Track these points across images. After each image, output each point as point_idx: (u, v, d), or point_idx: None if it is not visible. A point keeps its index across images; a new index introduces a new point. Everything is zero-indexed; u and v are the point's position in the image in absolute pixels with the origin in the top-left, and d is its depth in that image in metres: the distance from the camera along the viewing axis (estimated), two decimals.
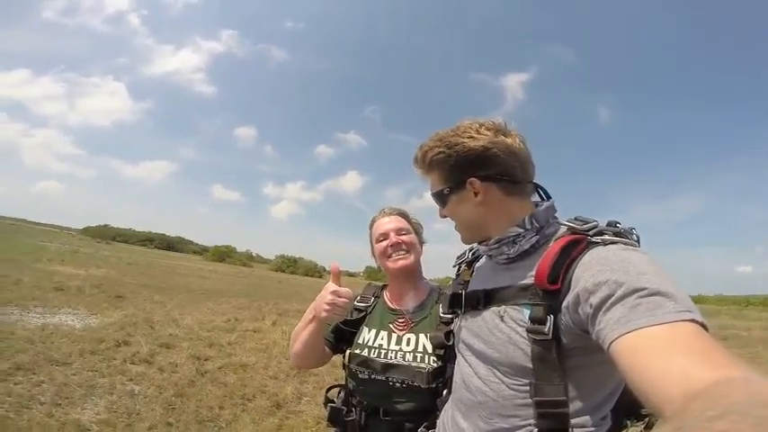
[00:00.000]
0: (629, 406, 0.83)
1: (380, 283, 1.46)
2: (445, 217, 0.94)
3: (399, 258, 1.28)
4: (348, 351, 1.26)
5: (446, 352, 1.09)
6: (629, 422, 1.03)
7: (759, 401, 0.32)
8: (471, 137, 0.83)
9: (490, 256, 0.91)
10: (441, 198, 0.91)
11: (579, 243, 0.71)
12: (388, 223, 1.34)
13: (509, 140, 0.84)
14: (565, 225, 0.80)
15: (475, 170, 0.83)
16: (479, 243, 0.92)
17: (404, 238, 1.31)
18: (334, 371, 3.63)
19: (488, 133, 0.83)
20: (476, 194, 0.84)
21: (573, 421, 0.70)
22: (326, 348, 1.38)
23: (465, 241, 0.97)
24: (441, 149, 0.85)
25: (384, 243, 1.31)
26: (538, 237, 0.81)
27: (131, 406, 3.20)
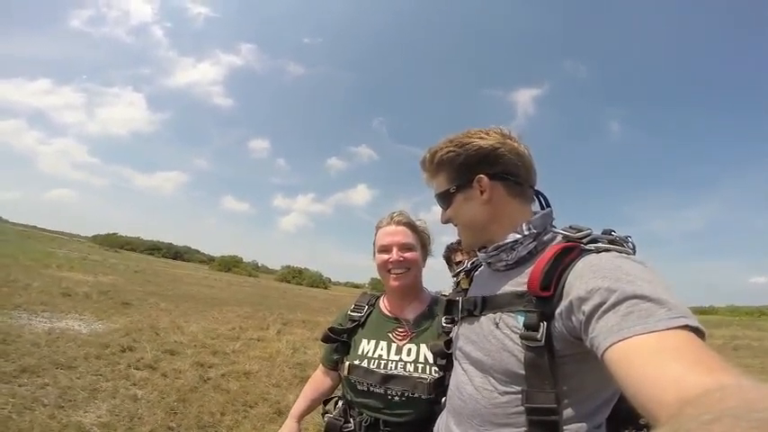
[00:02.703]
0: (626, 415, 0.81)
1: (377, 293, 1.43)
2: (447, 222, 0.94)
3: (399, 276, 1.24)
4: (347, 363, 1.24)
5: (448, 361, 1.06)
6: None
7: (754, 406, 0.32)
8: (481, 137, 0.86)
9: (489, 264, 0.91)
10: (446, 198, 0.90)
11: (572, 250, 0.72)
12: (393, 235, 1.27)
13: (515, 144, 0.87)
14: (560, 233, 0.80)
15: (483, 168, 0.85)
16: (478, 250, 0.93)
17: (407, 255, 1.25)
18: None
19: (497, 135, 0.87)
20: (482, 193, 0.85)
21: (565, 429, 0.69)
22: (329, 379, 1.40)
23: (467, 245, 0.96)
24: (451, 149, 0.87)
25: (385, 257, 1.25)
26: (535, 243, 0.82)
27: (133, 410, 3.19)
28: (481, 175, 0.84)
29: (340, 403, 1.31)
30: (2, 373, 3.39)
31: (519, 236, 0.82)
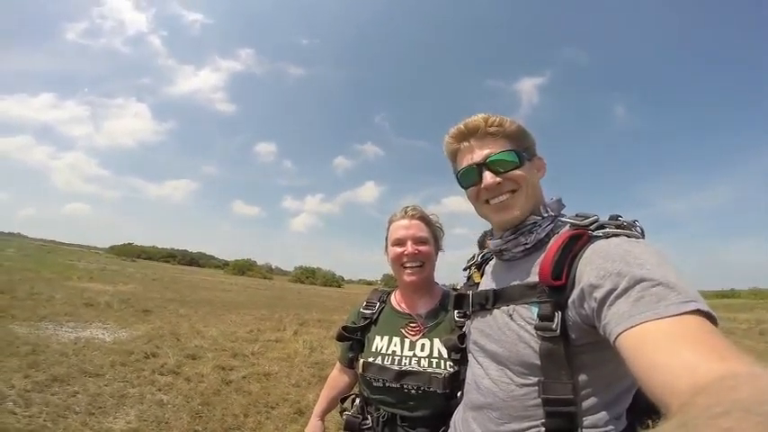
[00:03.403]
0: (646, 406, 0.82)
1: (388, 288, 1.44)
2: (494, 184, 0.84)
3: (413, 272, 1.24)
4: (361, 360, 1.25)
5: (462, 355, 1.06)
6: (650, 422, 1.00)
7: (765, 398, 0.31)
8: None
9: (501, 253, 0.90)
10: (521, 156, 0.84)
11: (580, 237, 0.71)
12: (408, 228, 1.27)
13: None
14: (568, 221, 0.80)
15: (535, 150, 0.91)
16: (492, 238, 0.92)
17: (421, 248, 1.25)
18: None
19: None
20: (538, 170, 0.90)
21: (583, 420, 0.69)
22: (347, 377, 1.43)
23: (520, 213, 0.84)
24: (520, 126, 0.88)
25: (399, 250, 1.25)
26: (552, 226, 0.83)
27: (160, 415, 3.29)
28: (540, 156, 0.91)
29: (357, 400, 1.32)
30: (34, 382, 3.52)
31: (538, 217, 0.84)
